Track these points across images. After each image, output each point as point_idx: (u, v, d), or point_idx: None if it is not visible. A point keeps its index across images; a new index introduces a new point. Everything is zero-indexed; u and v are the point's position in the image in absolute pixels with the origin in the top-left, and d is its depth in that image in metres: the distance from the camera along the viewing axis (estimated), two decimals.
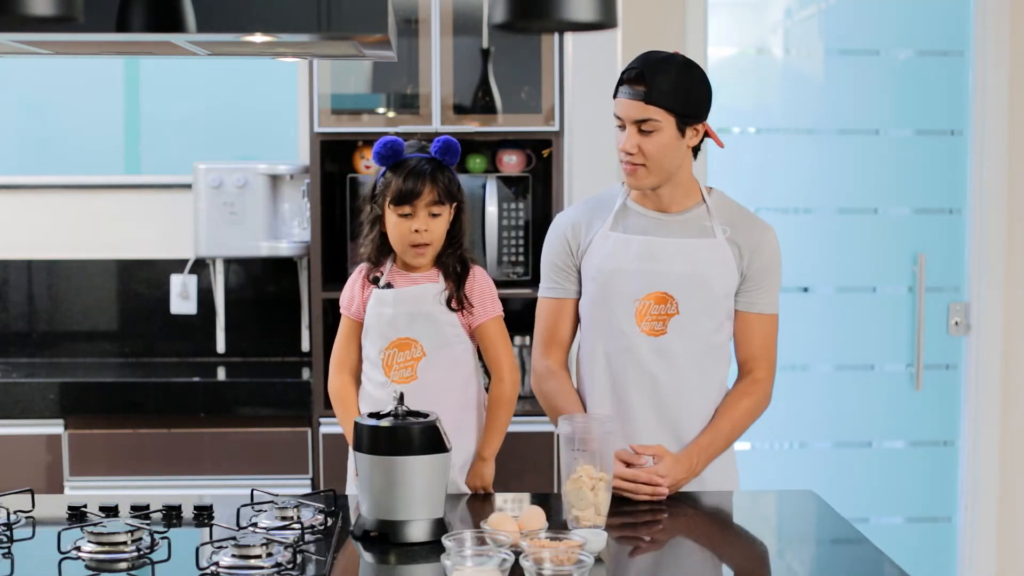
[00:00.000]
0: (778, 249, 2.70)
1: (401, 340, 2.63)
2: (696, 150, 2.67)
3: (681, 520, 2.49)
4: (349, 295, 2.69)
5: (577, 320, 2.76)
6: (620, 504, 2.47)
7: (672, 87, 2.55)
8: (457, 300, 2.63)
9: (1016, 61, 4.10)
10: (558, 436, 2.50)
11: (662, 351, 2.63)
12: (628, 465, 2.53)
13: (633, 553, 2.32)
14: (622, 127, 2.61)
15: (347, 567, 2.20)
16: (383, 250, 2.66)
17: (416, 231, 2.59)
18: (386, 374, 2.63)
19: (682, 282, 2.62)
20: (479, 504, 2.56)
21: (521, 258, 3.92)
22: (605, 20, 1.69)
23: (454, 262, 2.66)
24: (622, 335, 2.64)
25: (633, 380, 2.64)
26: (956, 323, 4.22)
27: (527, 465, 3.70)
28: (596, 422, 2.41)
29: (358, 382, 2.72)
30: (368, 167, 3.97)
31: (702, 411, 2.67)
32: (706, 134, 2.66)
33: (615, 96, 2.62)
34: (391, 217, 2.61)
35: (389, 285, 2.64)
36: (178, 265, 4.28)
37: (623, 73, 2.60)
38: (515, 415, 2.74)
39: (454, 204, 2.64)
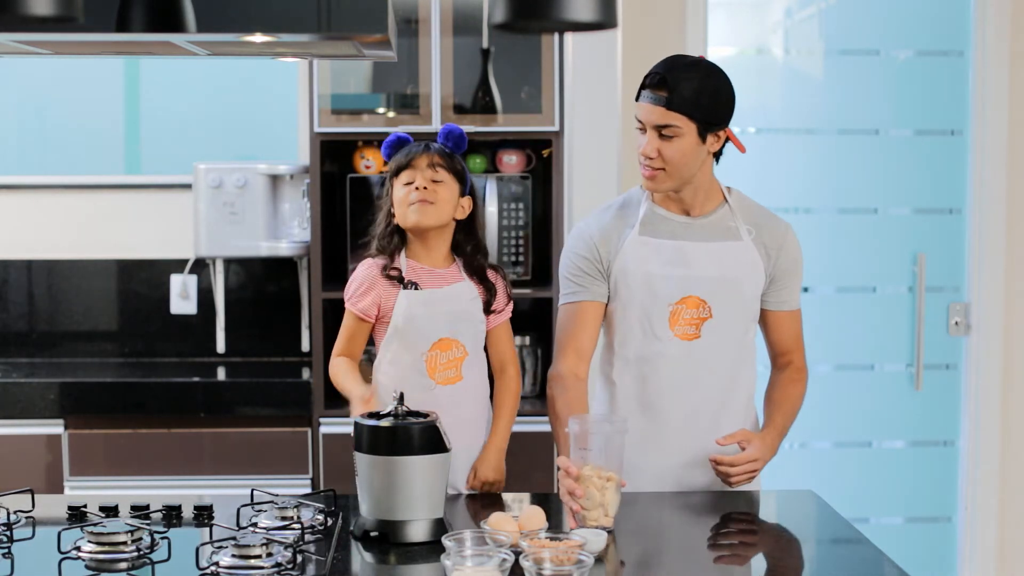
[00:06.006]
0: (799, 245, 2.74)
1: (443, 341, 2.62)
2: (718, 155, 2.67)
3: (681, 520, 2.49)
4: (362, 291, 2.62)
5: (597, 325, 2.74)
6: (625, 504, 2.46)
7: (694, 93, 2.53)
8: (492, 304, 2.68)
9: (1016, 61, 4.10)
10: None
11: (694, 355, 2.63)
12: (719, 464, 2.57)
13: (632, 553, 2.32)
14: (643, 130, 2.59)
15: (347, 567, 2.20)
16: (396, 239, 2.65)
17: (417, 189, 2.58)
18: (431, 376, 2.61)
19: (714, 286, 2.63)
20: (479, 504, 2.56)
21: (521, 258, 3.92)
22: (605, 20, 1.69)
23: (483, 265, 2.68)
24: (655, 340, 2.64)
25: (664, 385, 2.64)
26: (956, 323, 4.22)
27: (528, 465, 3.69)
28: (606, 422, 2.41)
29: None
30: (368, 167, 3.97)
31: (731, 413, 2.68)
32: (727, 139, 2.66)
33: (637, 99, 2.60)
34: (396, 190, 2.62)
35: (415, 285, 2.62)
36: (178, 265, 4.28)
37: (646, 77, 2.58)
38: (516, 415, 2.75)
39: (464, 193, 2.64)
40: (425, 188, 2.58)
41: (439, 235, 2.64)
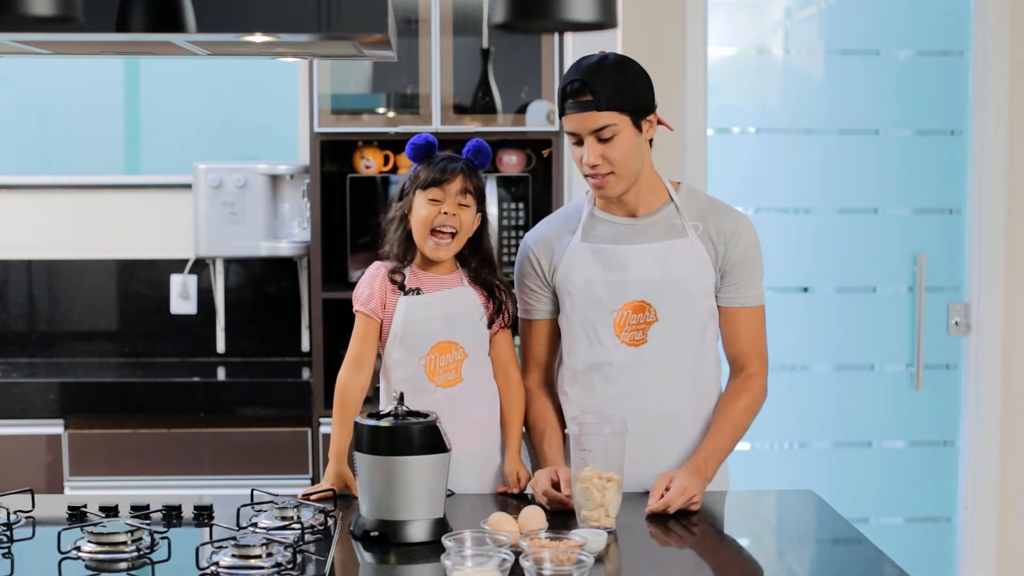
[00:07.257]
0: (755, 238, 2.65)
1: (441, 344, 2.60)
2: (650, 142, 2.64)
3: (682, 520, 2.49)
4: (369, 292, 2.62)
5: (552, 339, 2.73)
6: (628, 505, 2.46)
7: (617, 87, 2.51)
8: (498, 320, 2.67)
9: (1016, 61, 4.10)
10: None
11: (644, 361, 2.59)
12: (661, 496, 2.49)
13: (633, 553, 2.32)
14: (578, 143, 2.56)
15: (347, 567, 2.20)
16: (408, 248, 2.65)
17: (444, 214, 2.57)
18: (431, 380, 2.60)
19: (657, 288, 2.58)
20: (479, 504, 2.56)
21: None
22: (605, 20, 1.69)
23: (491, 281, 2.67)
24: (601, 348, 2.61)
25: (613, 392, 2.61)
26: (956, 323, 4.22)
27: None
28: (605, 423, 2.40)
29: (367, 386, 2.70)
30: (368, 167, 3.97)
31: (695, 415, 2.64)
32: (658, 122, 2.63)
33: (562, 115, 2.57)
34: (419, 203, 2.59)
35: (418, 291, 2.61)
36: (178, 265, 4.28)
37: (564, 89, 2.55)
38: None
39: (479, 212, 2.64)
40: (453, 215, 2.58)
41: None
